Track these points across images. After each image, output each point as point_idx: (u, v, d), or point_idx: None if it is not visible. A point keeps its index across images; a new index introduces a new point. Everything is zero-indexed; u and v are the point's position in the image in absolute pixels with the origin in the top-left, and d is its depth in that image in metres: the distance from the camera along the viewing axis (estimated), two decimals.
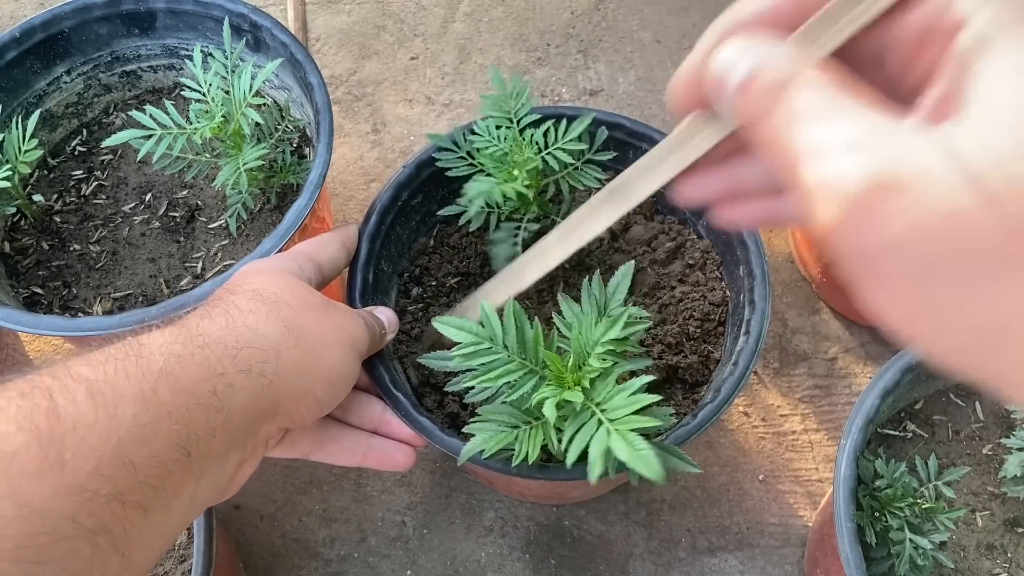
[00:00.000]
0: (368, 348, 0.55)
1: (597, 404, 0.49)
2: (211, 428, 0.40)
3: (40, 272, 0.77)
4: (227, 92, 0.71)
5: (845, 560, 0.57)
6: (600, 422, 0.48)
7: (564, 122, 0.66)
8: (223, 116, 0.70)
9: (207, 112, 0.71)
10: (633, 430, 0.46)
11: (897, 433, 0.69)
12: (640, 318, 0.53)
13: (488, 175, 0.64)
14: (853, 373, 0.90)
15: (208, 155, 0.75)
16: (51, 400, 0.35)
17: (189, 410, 0.39)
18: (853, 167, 0.25)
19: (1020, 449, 0.63)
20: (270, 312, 0.47)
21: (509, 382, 0.51)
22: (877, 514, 0.62)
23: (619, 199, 0.46)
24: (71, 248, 0.78)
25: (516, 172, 0.63)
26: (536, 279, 0.55)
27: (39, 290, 0.76)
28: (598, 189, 0.72)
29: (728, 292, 0.69)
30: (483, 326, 0.53)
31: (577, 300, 0.56)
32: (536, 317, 0.54)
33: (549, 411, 0.48)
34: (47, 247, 0.78)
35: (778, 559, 0.81)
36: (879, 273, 0.25)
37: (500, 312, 0.54)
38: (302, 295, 0.50)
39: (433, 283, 0.73)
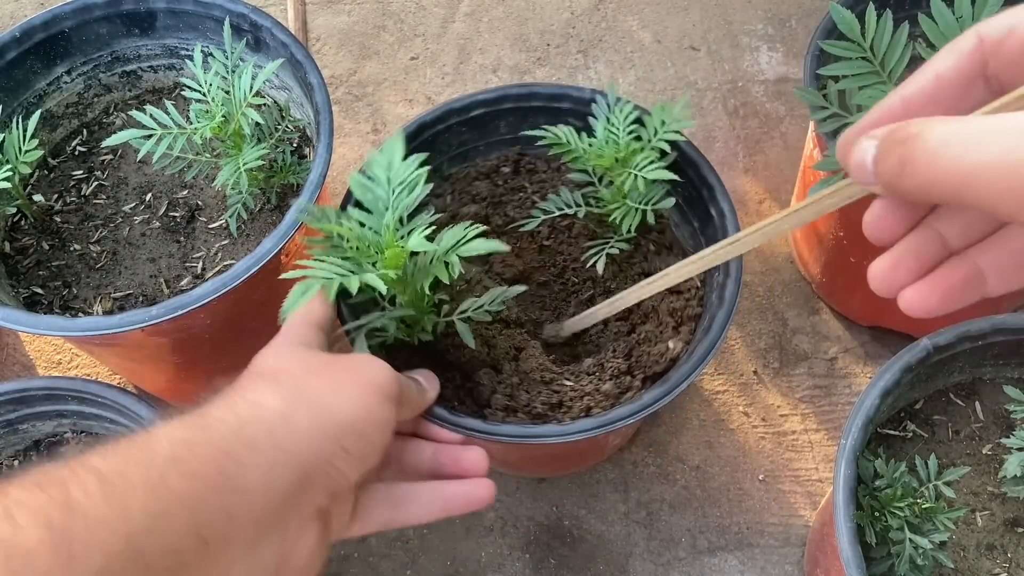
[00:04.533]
0: (402, 396, 0.52)
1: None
2: (226, 510, 0.39)
3: (40, 272, 0.77)
4: (227, 92, 0.72)
5: (845, 560, 0.57)
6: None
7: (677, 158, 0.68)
8: (223, 116, 0.70)
9: (207, 112, 0.71)
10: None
11: (897, 433, 0.69)
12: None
13: (578, 157, 0.68)
14: (853, 373, 0.90)
15: (208, 155, 0.76)
16: (66, 492, 0.34)
17: (200, 494, 0.38)
18: None
19: (1020, 449, 0.63)
20: (269, 382, 0.46)
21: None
22: (877, 514, 0.62)
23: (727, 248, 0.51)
24: (71, 248, 0.78)
25: (598, 169, 0.68)
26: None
27: (39, 290, 0.76)
28: (636, 237, 0.71)
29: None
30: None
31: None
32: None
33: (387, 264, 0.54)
34: (47, 247, 0.78)
35: (778, 559, 0.81)
36: None
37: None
38: (301, 357, 0.50)
39: (450, 197, 0.75)
